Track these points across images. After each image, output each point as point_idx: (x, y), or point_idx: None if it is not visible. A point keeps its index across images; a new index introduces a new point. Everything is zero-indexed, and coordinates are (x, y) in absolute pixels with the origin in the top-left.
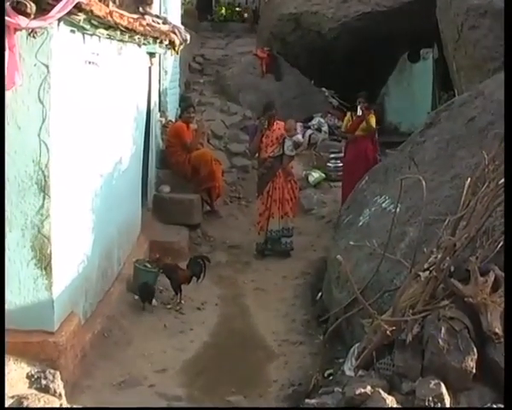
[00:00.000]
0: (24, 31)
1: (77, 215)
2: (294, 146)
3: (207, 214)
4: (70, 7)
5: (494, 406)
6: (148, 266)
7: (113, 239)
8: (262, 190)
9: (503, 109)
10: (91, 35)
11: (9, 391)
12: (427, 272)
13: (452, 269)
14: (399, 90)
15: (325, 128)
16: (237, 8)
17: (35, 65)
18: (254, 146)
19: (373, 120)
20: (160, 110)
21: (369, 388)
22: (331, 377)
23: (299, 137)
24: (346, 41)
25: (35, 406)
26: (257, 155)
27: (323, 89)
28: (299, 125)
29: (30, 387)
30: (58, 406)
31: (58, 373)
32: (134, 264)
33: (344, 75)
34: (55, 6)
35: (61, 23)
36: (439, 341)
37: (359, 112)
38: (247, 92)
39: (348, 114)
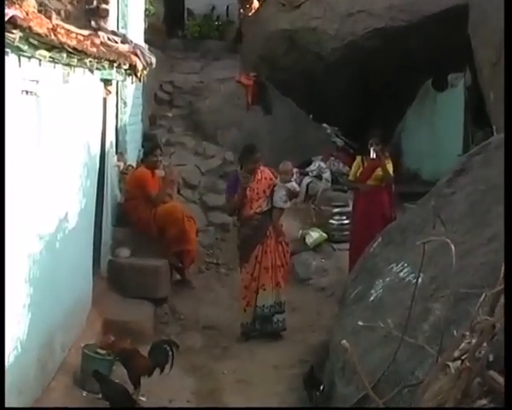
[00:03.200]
0: None
1: (8, 291)
2: (288, 195)
3: (177, 285)
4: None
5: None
6: (101, 352)
7: (55, 320)
8: (247, 255)
9: None
10: (29, 57)
11: None
12: (459, 362)
13: (491, 358)
14: (421, 126)
15: (327, 175)
16: (216, 23)
17: None
18: (235, 202)
19: (390, 167)
20: (117, 152)
21: None
22: None
23: (295, 185)
24: (353, 65)
25: None
26: (238, 211)
27: (324, 125)
28: (294, 170)
29: None
30: None
31: None
32: (82, 350)
33: (350, 108)
34: None
35: None
36: None
37: (372, 155)
38: (227, 130)
39: (358, 158)
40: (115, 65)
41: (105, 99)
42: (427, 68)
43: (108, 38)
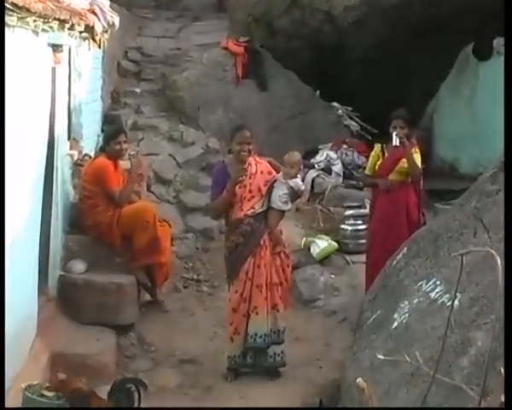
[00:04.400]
0: None
1: None
2: (290, 195)
3: (147, 308)
4: None
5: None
6: (48, 394)
7: None
8: (236, 270)
9: None
10: None
11: None
12: None
13: None
14: (458, 105)
15: (338, 168)
16: None
17: None
18: (221, 202)
19: (418, 158)
20: (69, 138)
21: None
22: None
23: (299, 182)
24: (373, 28)
25: None
26: (226, 213)
27: (335, 104)
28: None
29: None
30: None
31: None
32: (24, 392)
33: (368, 82)
34: None
35: None
36: None
37: (395, 142)
38: (211, 110)
39: (377, 146)
40: (67, 26)
41: (54, 70)
42: (466, 31)
43: None
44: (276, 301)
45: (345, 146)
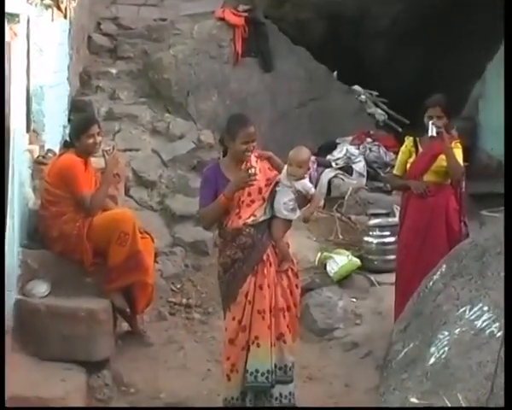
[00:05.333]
0: None
1: None
2: (298, 201)
3: (125, 340)
4: None
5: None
6: None
7: None
8: (233, 292)
9: None
10: None
11: None
12: None
13: None
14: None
15: (360, 167)
16: None
17: None
18: (217, 208)
19: (460, 154)
20: (28, 130)
21: None
22: None
23: (308, 184)
24: None
25: None
26: (221, 223)
27: (357, 88)
28: (312, 161)
29: None
30: None
31: None
32: None
33: (399, 62)
34: None
35: None
36: None
37: (431, 132)
38: (204, 95)
39: (408, 140)
40: None
41: (9, 45)
42: None
43: None
44: (282, 331)
45: (369, 140)
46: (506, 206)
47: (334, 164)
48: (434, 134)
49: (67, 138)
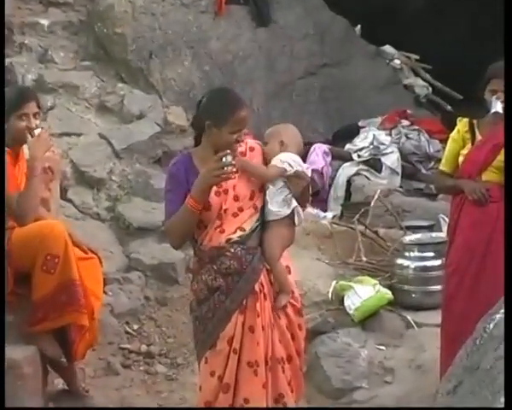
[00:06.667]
0: None
1: None
2: (294, 192)
3: (58, 401)
4: None
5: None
6: None
7: None
8: (211, 336)
9: None
10: None
11: None
12: None
13: None
14: None
15: (392, 160)
16: None
17: None
18: (187, 218)
19: None
20: None
21: None
22: None
23: (299, 163)
24: None
25: None
26: (195, 239)
27: (388, 48)
28: (320, 149)
29: None
30: None
31: None
32: None
33: (447, 12)
34: None
35: None
36: None
37: (495, 108)
38: (173, 58)
39: (462, 123)
40: None
41: None
42: None
43: None
44: (281, 390)
45: (405, 122)
46: (506, 206)
47: (355, 156)
48: (500, 111)
49: None
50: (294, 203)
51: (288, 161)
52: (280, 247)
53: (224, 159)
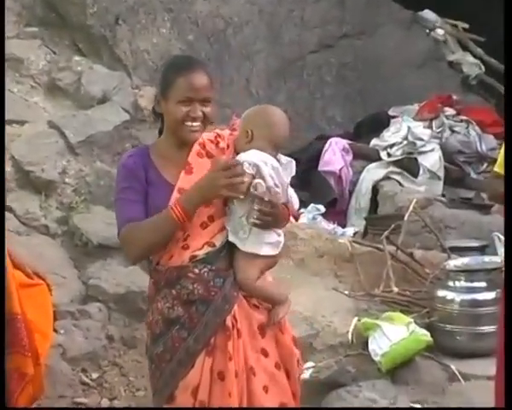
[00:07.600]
0: None
1: None
2: (263, 208)
3: None
4: None
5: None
6: None
7: None
8: (169, 384)
9: None
10: None
11: None
12: None
13: None
14: None
15: (433, 160)
16: None
17: None
18: (158, 228)
19: None
20: None
21: None
22: None
23: (270, 176)
24: None
25: None
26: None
27: (429, 14)
28: (337, 145)
29: None
30: None
31: None
32: None
33: None
34: None
35: None
36: None
37: None
38: (145, 24)
39: None
40: None
41: None
42: None
43: None
44: None
45: (450, 111)
46: (506, 205)
47: (384, 155)
48: None
49: None
50: (281, 239)
51: (256, 162)
52: (257, 267)
53: (234, 161)
